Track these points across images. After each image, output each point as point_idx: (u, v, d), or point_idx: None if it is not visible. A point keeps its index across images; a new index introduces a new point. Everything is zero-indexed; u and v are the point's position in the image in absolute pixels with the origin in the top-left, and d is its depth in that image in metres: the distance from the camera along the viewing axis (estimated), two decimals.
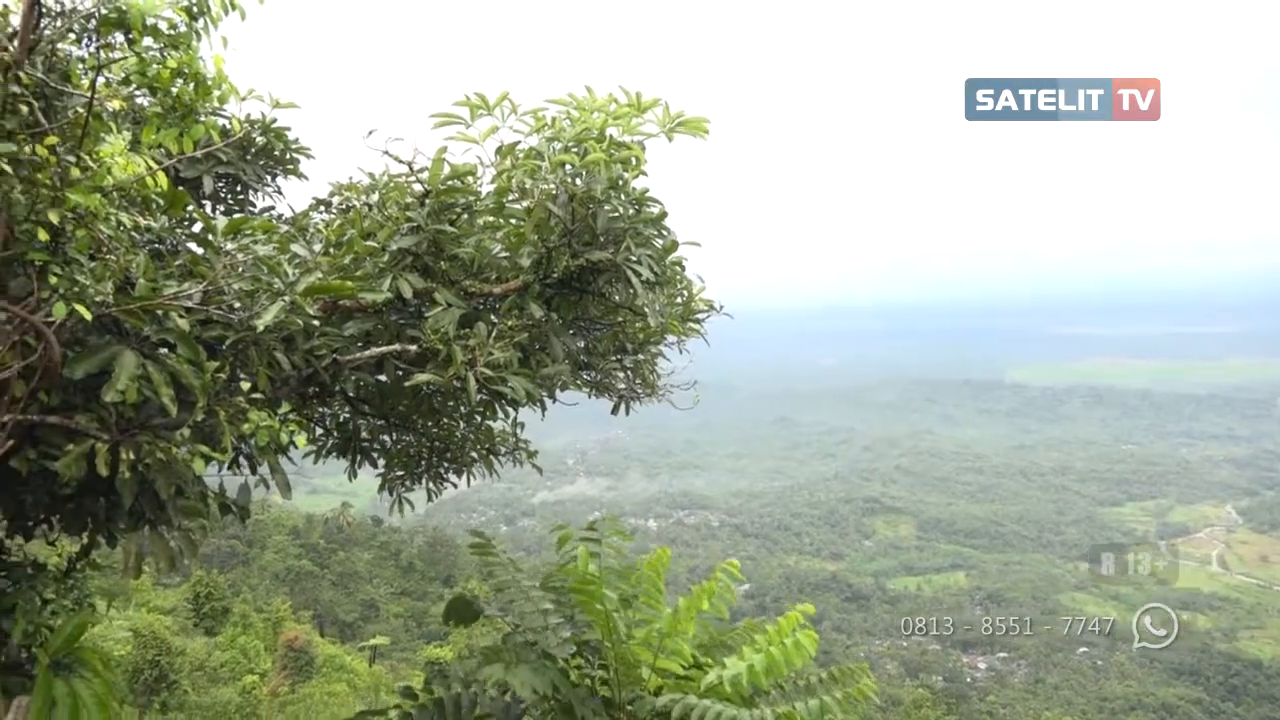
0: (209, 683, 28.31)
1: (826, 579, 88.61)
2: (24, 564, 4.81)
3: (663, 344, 7.52)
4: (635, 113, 5.24)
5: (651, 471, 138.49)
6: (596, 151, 4.98)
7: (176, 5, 4.05)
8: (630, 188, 5.45)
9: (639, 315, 6.30)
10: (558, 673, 5.68)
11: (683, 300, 7.03)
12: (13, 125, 3.42)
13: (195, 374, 3.98)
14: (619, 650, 5.70)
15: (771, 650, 5.50)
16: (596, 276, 5.69)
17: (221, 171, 6.62)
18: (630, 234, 5.42)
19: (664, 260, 5.78)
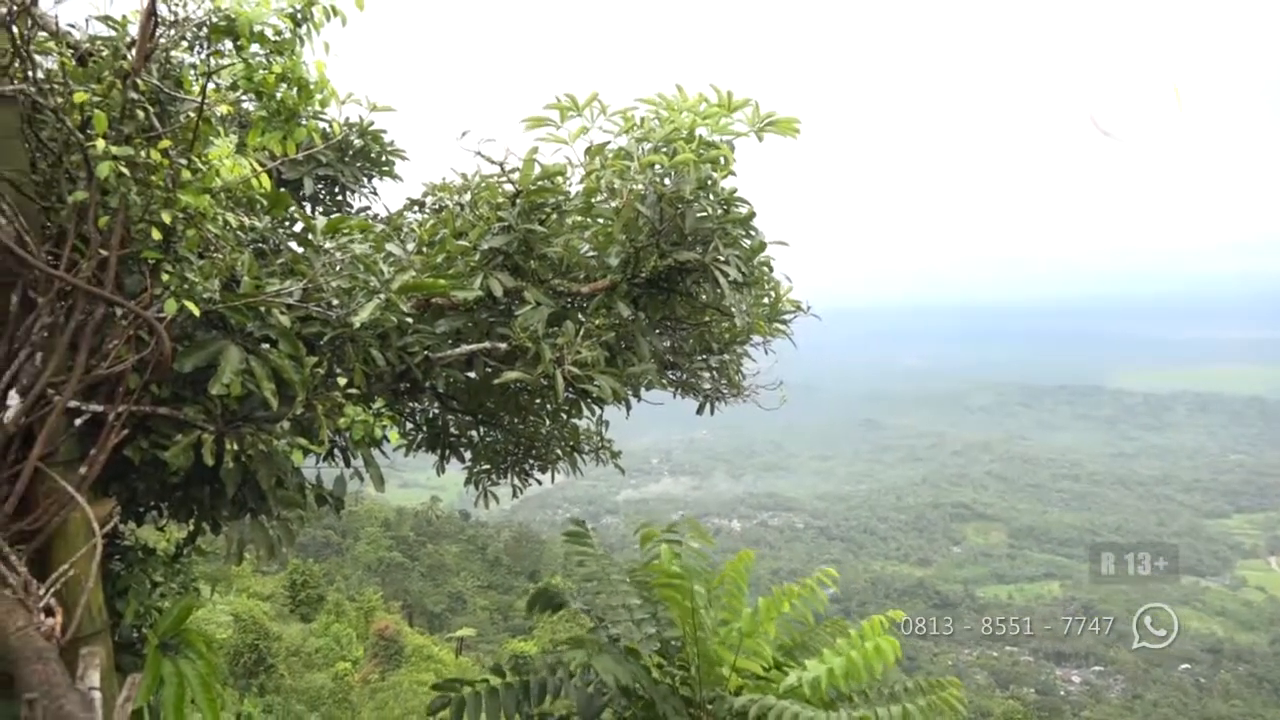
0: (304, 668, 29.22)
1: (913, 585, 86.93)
2: (136, 548, 5.05)
3: (748, 344, 7.48)
4: (725, 112, 5.23)
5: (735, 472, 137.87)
6: (685, 152, 4.98)
7: (282, 12, 4.20)
8: (719, 188, 5.44)
9: (726, 315, 6.28)
10: (639, 668, 5.71)
11: (769, 300, 6.99)
12: (130, 130, 3.58)
13: (295, 369, 4.11)
14: (700, 648, 5.69)
15: (852, 655, 5.43)
16: (684, 276, 5.69)
17: (321, 173, 6.85)
18: (718, 234, 5.42)
19: (752, 260, 5.76)
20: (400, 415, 6.74)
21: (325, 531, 52.30)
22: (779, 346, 7.55)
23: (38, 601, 2.91)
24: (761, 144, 5.37)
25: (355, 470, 5.33)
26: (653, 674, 5.95)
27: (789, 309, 7.08)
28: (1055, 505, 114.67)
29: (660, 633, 6.01)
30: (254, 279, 4.19)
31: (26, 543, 3.41)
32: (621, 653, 5.77)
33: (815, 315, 7.31)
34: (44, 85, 3.54)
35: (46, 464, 3.48)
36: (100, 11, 4.18)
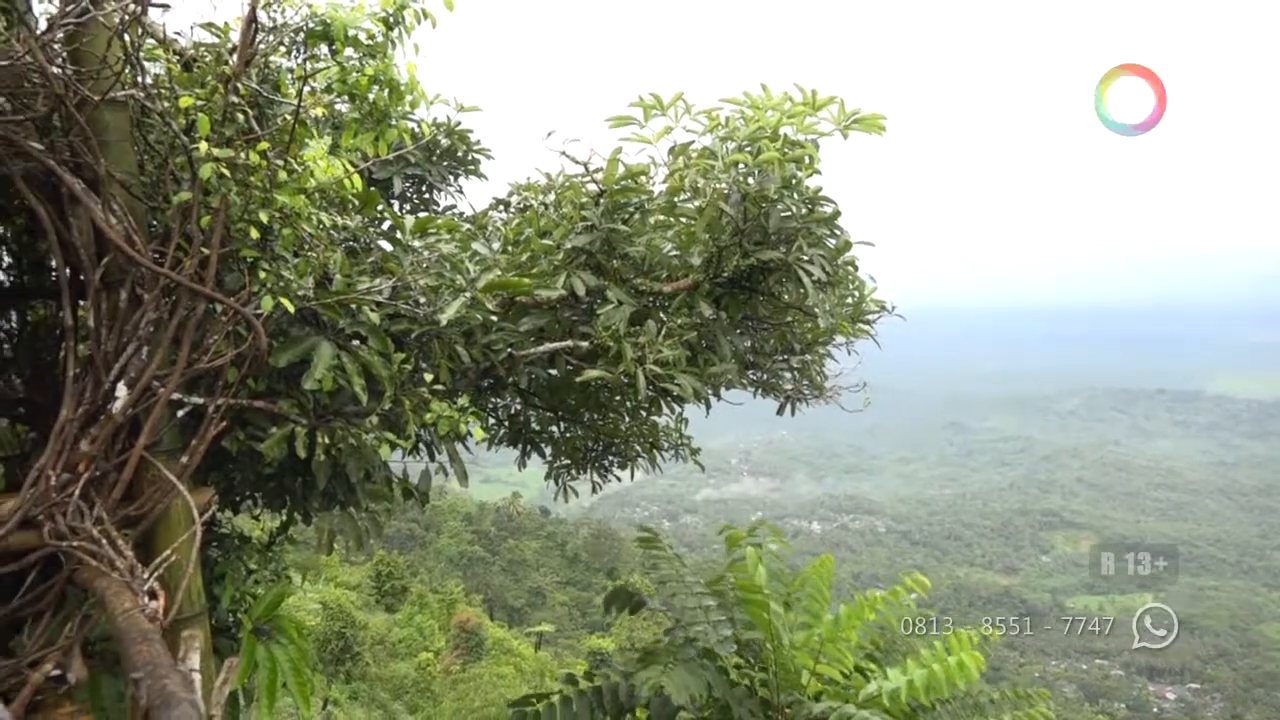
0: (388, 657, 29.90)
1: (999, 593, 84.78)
2: (232, 536, 5.24)
3: (831, 344, 7.40)
4: (810, 111, 5.17)
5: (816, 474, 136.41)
6: (770, 150, 4.94)
7: (375, 16, 4.31)
8: (803, 186, 5.39)
9: (809, 316, 6.22)
10: (716, 671, 5.68)
11: (853, 300, 6.89)
12: (231, 133, 3.72)
13: (384, 365, 4.22)
14: (779, 653, 5.64)
15: (935, 667, 5.32)
16: (767, 276, 5.66)
17: (410, 173, 6.99)
18: (802, 233, 5.36)
19: (836, 260, 5.69)
20: (483, 411, 6.85)
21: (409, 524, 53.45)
22: (862, 347, 7.44)
23: (142, 584, 3.04)
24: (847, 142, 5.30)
25: (440, 465, 5.43)
26: (730, 676, 5.92)
27: (873, 309, 6.97)
28: (1150, 514, 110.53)
29: (738, 635, 5.98)
30: (345, 277, 4.31)
31: (132, 528, 3.57)
32: (698, 655, 5.75)
33: (900, 315, 7.19)
34: (152, 90, 3.70)
35: (151, 453, 3.63)
36: (204, 19, 4.35)
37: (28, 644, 3.46)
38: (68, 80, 3.40)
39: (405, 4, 4.35)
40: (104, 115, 3.61)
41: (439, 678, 30.11)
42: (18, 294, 5.27)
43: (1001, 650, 64.31)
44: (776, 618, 5.48)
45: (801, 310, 6.15)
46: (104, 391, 3.55)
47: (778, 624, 5.49)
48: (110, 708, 3.82)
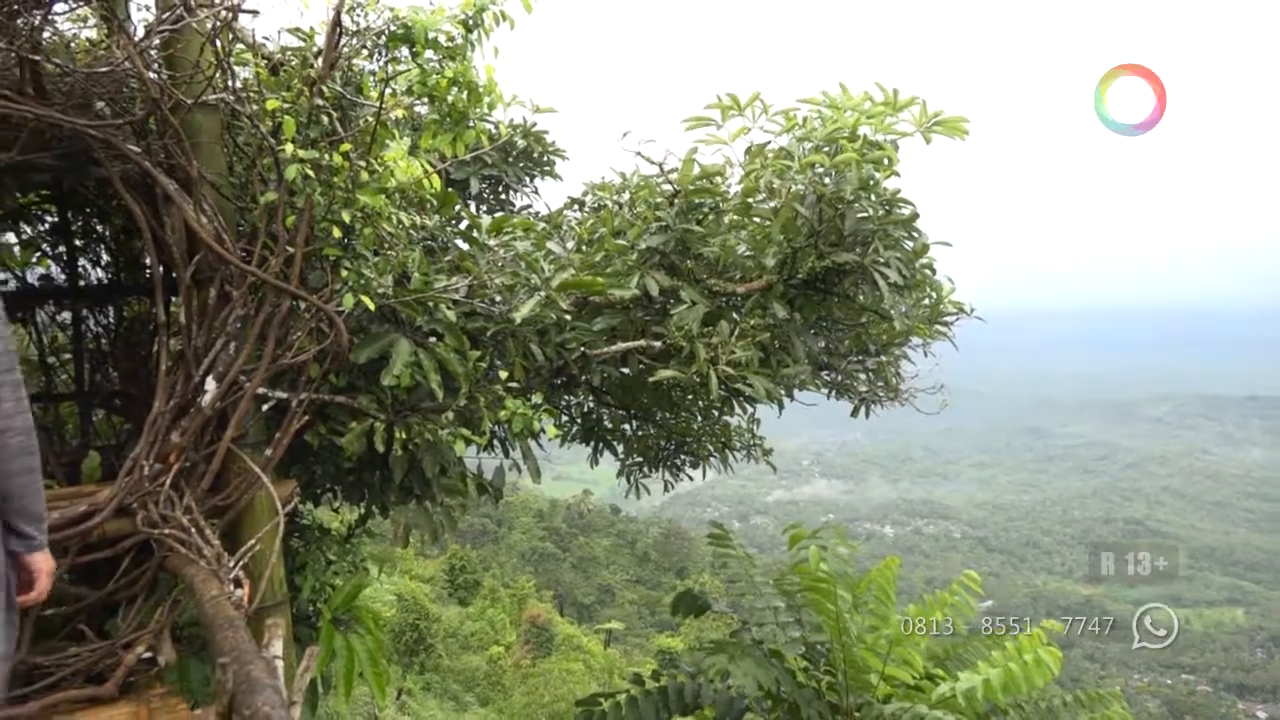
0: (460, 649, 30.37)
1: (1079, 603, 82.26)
2: (313, 527, 5.38)
3: (907, 346, 7.29)
4: (890, 111, 5.10)
5: (890, 477, 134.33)
6: (848, 151, 4.88)
7: (454, 19, 4.38)
8: (881, 188, 5.31)
9: (884, 318, 6.14)
10: (784, 672, 5.65)
11: (930, 302, 6.78)
12: (315, 134, 3.82)
13: (460, 362, 4.29)
14: (848, 654, 5.58)
15: (1010, 666, 5.19)
16: (842, 278, 5.59)
17: (486, 174, 7.09)
18: (879, 236, 5.29)
19: (913, 263, 5.60)
20: (556, 408, 6.91)
21: (482, 519, 54.20)
22: (939, 349, 7.32)
23: (228, 573, 3.14)
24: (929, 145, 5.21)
25: (513, 461, 5.50)
26: (798, 677, 5.88)
27: (951, 311, 6.85)
28: (1241, 525, 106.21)
29: (805, 636, 5.93)
30: (424, 275, 4.39)
31: (219, 517, 3.69)
32: (765, 655, 5.72)
33: (979, 318, 7.05)
34: (241, 94, 3.82)
35: (237, 445, 3.75)
36: (291, 24, 4.47)
37: (122, 626, 3.61)
38: (163, 85, 3.52)
39: (485, 6, 4.41)
40: (196, 118, 3.74)
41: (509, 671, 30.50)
42: (115, 290, 5.50)
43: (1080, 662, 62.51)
44: (844, 613, 5.42)
45: (877, 312, 6.07)
46: (194, 385, 3.68)
47: (846, 622, 5.43)
48: (197, 690, 3.95)
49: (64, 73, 3.45)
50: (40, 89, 3.39)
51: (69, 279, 5.43)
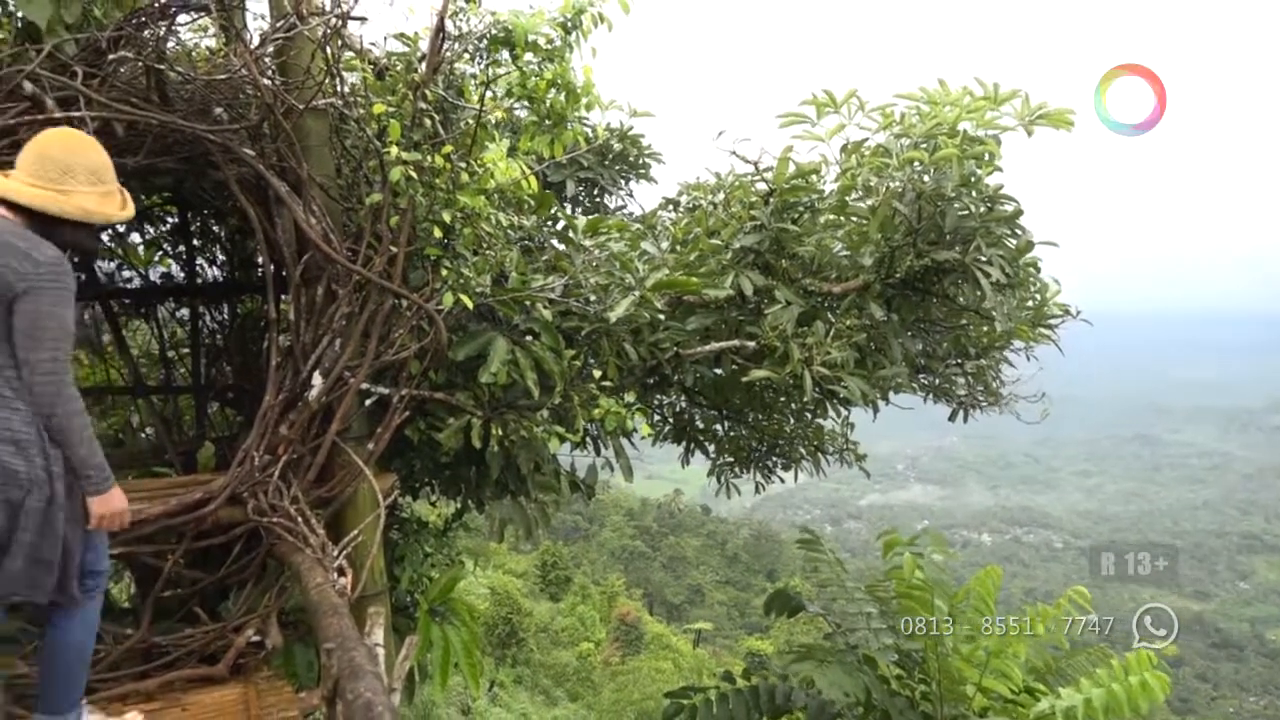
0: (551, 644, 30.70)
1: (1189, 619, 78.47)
2: (411, 520, 5.52)
3: (1009, 349, 7.08)
4: (991, 105, 4.97)
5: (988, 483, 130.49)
6: (948, 147, 4.78)
7: (554, 22, 4.45)
8: (983, 184, 5.18)
9: (985, 319, 5.99)
10: (875, 679, 5.54)
11: (1034, 304, 6.58)
12: (418, 137, 3.92)
13: (555, 360, 4.34)
14: (943, 664, 5.45)
15: (1114, 687, 4.99)
16: (942, 277, 5.47)
17: (582, 176, 7.17)
18: (981, 233, 5.16)
19: (1016, 261, 5.44)
20: (649, 407, 6.93)
21: (574, 517, 54.70)
22: (1043, 352, 7.10)
23: (332, 561, 3.25)
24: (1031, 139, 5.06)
25: (606, 459, 5.54)
26: (890, 685, 5.77)
27: (1056, 313, 6.63)
28: None
29: (899, 644, 5.82)
30: (521, 275, 4.46)
31: (324, 508, 3.82)
32: (857, 662, 5.63)
33: (1085, 320, 6.80)
34: (349, 98, 3.94)
35: (341, 439, 3.87)
36: (397, 29, 4.60)
37: (232, 610, 3.77)
38: (276, 90, 3.67)
39: (583, 8, 4.47)
40: (307, 122, 3.88)
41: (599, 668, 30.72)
42: (229, 288, 5.75)
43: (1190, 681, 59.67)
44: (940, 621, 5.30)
45: (978, 313, 5.92)
46: (302, 380, 3.81)
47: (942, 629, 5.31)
48: (301, 674, 4.10)
49: (185, 80, 3.61)
50: (164, 96, 3.57)
51: (187, 277, 5.71)
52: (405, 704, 5.20)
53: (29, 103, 3.25)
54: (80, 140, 2.74)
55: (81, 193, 2.64)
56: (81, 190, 2.64)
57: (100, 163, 2.71)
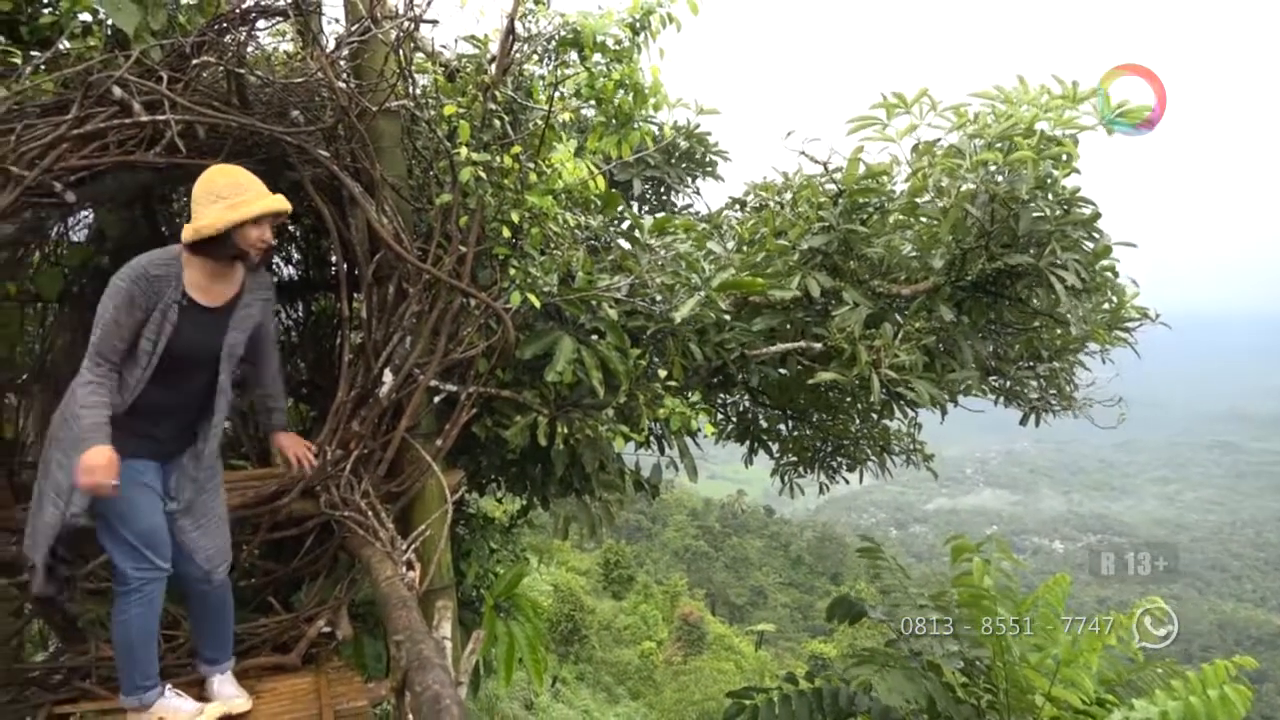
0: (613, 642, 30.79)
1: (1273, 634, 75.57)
2: (478, 516, 5.60)
3: (1083, 353, 6.90)
4: (1069, 104, 4.84)
5: (1060, 489, 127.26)
6: (1023, 148, 4.67)
7: (622, 23, 4.46)
8: (1059, 186, 5.05)
9: (1059, 322, 5.85)
10: (940, 686, 5.45)
11: (1110, 307, 6.40)
12: (488, 138, 3.97)
13: (621, 360, 4.36)
14: (1010, 672, 5.34)
15: (1191, 700, 4.82)
16: (1015, 281, 5.36)
17: (649, 174, 7.18)
18: (1056, 236, 5.03)
19: (1093, 265, 5.30)
20: (713, 407, 6.92)
21: (637, 516, 54.74)
22: (1119, 356, 6.90)
23: (401, 555, 3.31)
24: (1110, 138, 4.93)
25: (670, 459, 5.54)
26: (956, 693, 5.67)
27: (1133, 316, 6.44)
28: None
29: (964, 651, 5.72)
30: (587, 274, 4.49)
31: (393, 503, 3.89)
32: (921, 668, 5.54)
33: (1164, 323, 6.59)
34: (420, 100, 4.01)
35: (411, 435, 3.94)
36: (468, 32, 4.67)
37: (305, 601, 3.86)
38: (351, 93, 3.74)
39: (652, 9, 4.47)
40: (380, 124, 3.96)
41: (661, 667, 30.73)
42: (304, 287, 5.89)
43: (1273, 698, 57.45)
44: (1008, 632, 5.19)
45: (1052, 317, 5.79)
46: (373, 377, 3.89)
47: (1009, 639, 5.20)
48: (370, 665, 4.19)
49: (264, 84, 3.71)
50: (244, 99, 3.67)
51: None
52: (470, 698, 5.27)
53: (117, 107, 3.38)
54: (206, 172, 3.04)
55: (205, 213, 2.94)
56: (205, 211, 2.94)
57: (221, 183, 3.00)
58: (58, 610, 3.46)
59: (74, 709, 3.30)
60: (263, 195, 3.06)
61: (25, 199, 3.24)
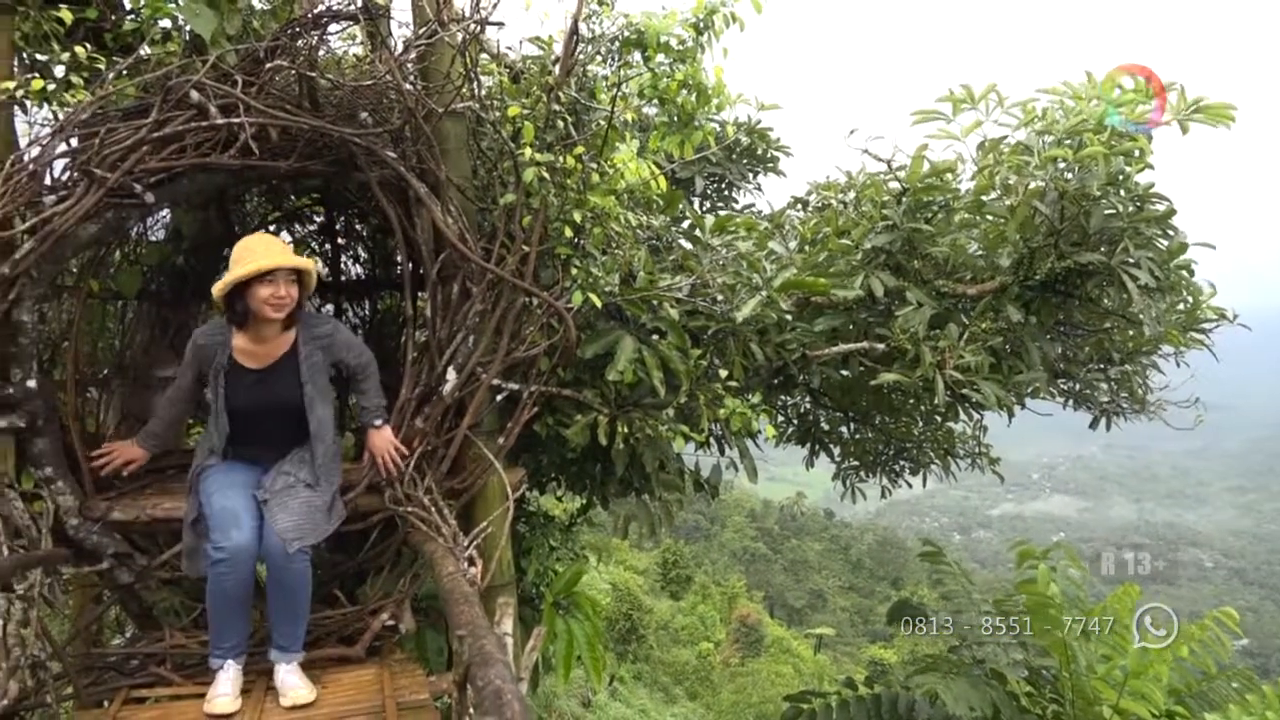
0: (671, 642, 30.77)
1: None
2: (538, 514, 5.64)
3: (1157, 355, 6.71)
4: (1142, 99, 4.72)
5: (1131, 496, 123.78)
6: (1094, 144, 4.56)
7: (686, 23, 4.46)
8: (1132, 183, 4.93)
9: (1131, 323, 5.70)
10: (1004, 695, 5.35)
11: (1185, 308, 6.21)
12: (551, 139, 4.00)
13: (681, 360, 4.35)
14: (1077, 682, 5.21)
15: (1269, 715, 4.67)
16: (1085, 280, 5.23)
17: (710, 172, 7.17)
18: (1129, 234, 4.91)
19: (1168, 264, 5.15)
20: (773, 409, 6.87)
21: (695, 516, 54.61)
22: (1195, 359, 6.69)
23: (463, 551, 3.35)
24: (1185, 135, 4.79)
25: (730, 460, 5.52)
26: (1020, 702, 5.56)
27: (1210, 317, 6.24)
28: None
29: (1029, 660, 5.60)
30: (648, 274, 4.49)
31: (455, 499, 3.94)
32: (985, 676, 5.45)
33: (1243, 325, 6.38)
34: (485, 101, 4.05)
35: (473, 432, 3.98)
36: (531, 34, 4.71)
37: (369, 594, 3.93)
38: (418, 95, 3.80)
39: (715, 9, 4.46)
40: (445, 125, 4.01)
41: (718, 668, 30.63)
42: (370, 285, 5.99)
43: None
44: (1073, 644, 5.07)
45: (1124, 317, 5.64)
46: (436, 375, 3.94)
47: (1075, 648, 5.08)
48: (432, 659, 4.24)
49: (334, 87, 3.78)
50: (315, 102, 3.75)
51: (332, 273, 5.99)
52: (529, 694, 5.31)
53: (195, 110, 3.48)
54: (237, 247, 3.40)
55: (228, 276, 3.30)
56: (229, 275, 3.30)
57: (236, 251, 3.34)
58: (134, 598, 3.62)
59: (149, 693, 3.40)
60: (266, 256, 3.30)
61: (108, 200, 3.36)
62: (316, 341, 3.56)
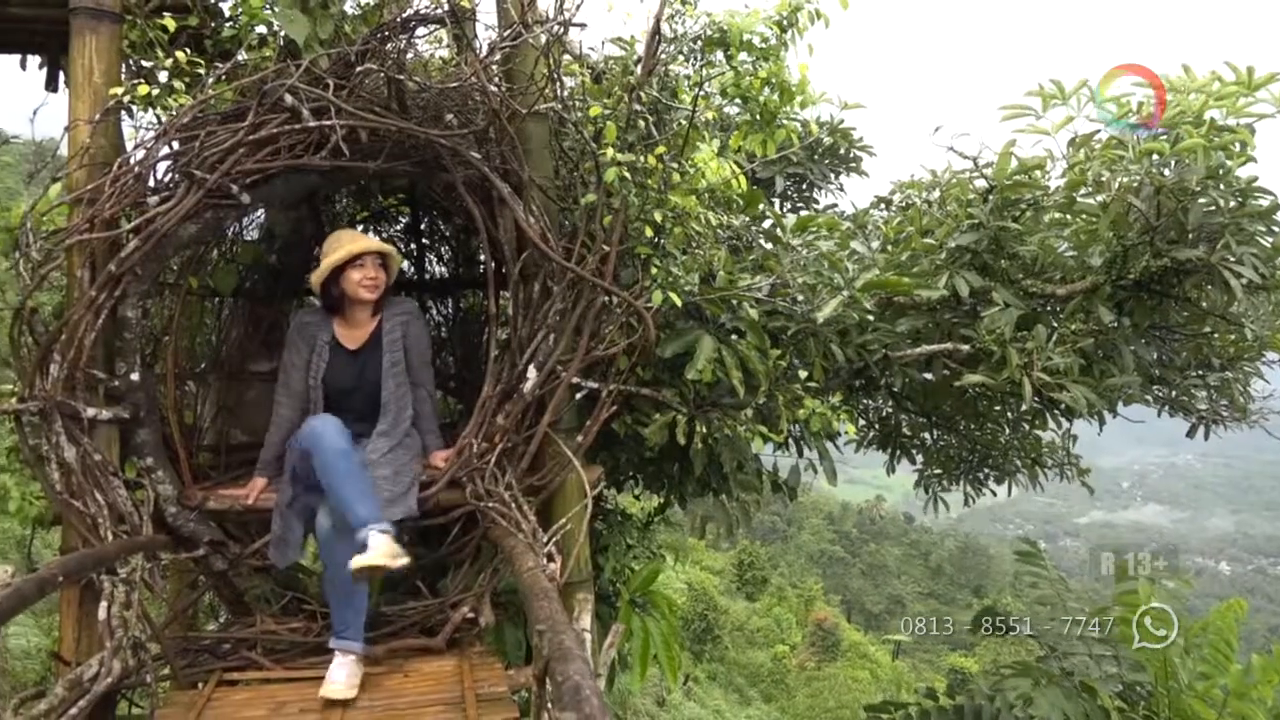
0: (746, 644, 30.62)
1: None
2: (616, 512, 5.67)
3: (1261, 360, 6.43)
4: (1244, 91, 4.53)
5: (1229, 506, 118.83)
6: (1193, 137, 4.39)
7: (769, 20, 4.43)
8: (1233, 176, 4.73)
9: (1233, 325, 5.47)
10: (1097, 710, 5.19)
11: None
12: (633, 138, 4.01)
13: (761, 360, 4.33)
14: (1174, 700, 5.02)
15: None
16: (1183, 279, 5.04)
17: (791, 171, 7.10)
18: (1230, 230, 4.70)
19: (1273, 261, 4.93)
20: (854, 411, 6.78)
21: (772, 517, 54.27)
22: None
23: (542, 547, 3.38)
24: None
25: (809, 461, 5.47)
26: (1112, 717, 5.38)
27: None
28: None
29: (1122, 674, 5.41)
30: (728, 274, 4.47)
31: (535, 496, 3.98)
32: (1075, 688, 5.28)
33: None
34: (568, 102, 4.09)
35: (553, 430, 4.02)
36: (614, 34, 4.73)
37: (450, 587, 4.00)
38: (502, 96, 3.85)
39: (800, 6, 4.42)
40: (528, 126, 4.05)
41: (794, 672, 30.40)
42: (454, 284, 6.10)
43: None
44: (1172, 660, 4.89)
45: (1224, 319, 5.42)
46: (517, 373, 3.99)
47: (1174, 665, 4.89)
48: (510, 653, 4.29)
49: (421, 89, 3.86)
50: (402, 104, 3.83)
51: (417, 272, 6.11)
52: (606, 691, 5.35)
53: (288, 113, 3.59)
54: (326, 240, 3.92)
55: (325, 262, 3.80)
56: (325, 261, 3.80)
57: (326, 245, 3.90)
58: (227, 584, 3.76)
59: (240, 676, 3.53)
60: (354, 242, 3.82)
61: (207, 200, 3.50)
62: (398, 318, 4.00)
